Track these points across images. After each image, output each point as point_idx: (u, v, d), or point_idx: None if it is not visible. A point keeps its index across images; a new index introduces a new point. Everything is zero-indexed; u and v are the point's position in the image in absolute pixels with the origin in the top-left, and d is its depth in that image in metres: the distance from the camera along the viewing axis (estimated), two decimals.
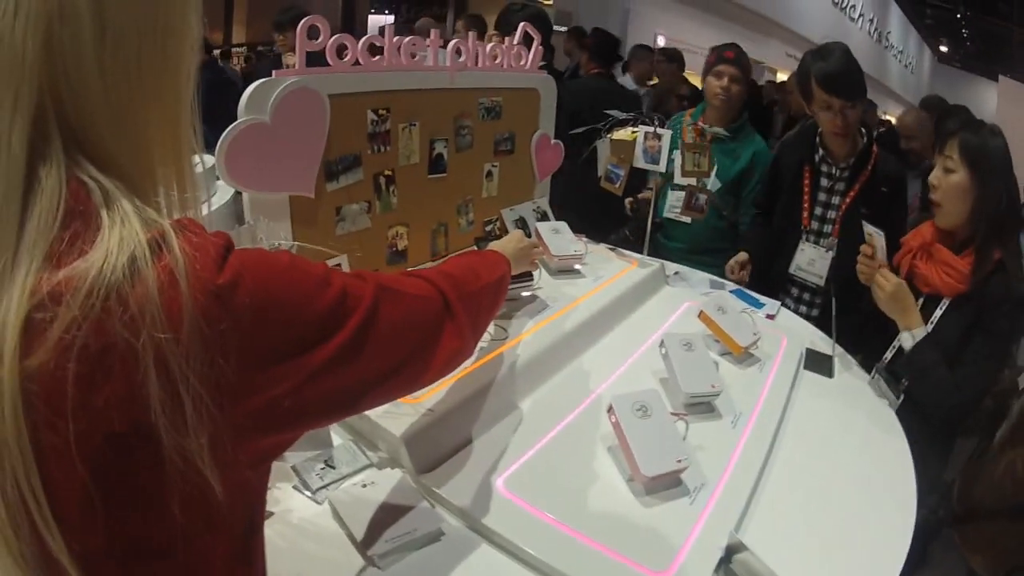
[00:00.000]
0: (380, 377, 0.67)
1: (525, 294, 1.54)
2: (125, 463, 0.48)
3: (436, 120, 1.64)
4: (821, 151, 2.16)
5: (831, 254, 2.12)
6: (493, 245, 1.25)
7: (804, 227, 2.20)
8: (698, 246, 2.50)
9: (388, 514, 0.99)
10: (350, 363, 0.60)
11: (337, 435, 1.17)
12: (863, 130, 2.13)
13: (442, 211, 1.76)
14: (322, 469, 1.08)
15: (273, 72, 1.25)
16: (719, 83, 2.42)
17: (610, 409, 1.10)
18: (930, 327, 1.57)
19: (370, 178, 1.50)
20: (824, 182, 2.17)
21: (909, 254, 1.69)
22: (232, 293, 0.50)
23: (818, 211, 2.19)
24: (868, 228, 1.68)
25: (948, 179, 1.56)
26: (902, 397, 1.53)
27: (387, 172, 1.53)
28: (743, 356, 1.52)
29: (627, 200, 2.50)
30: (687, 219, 2.29)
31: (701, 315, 1.54)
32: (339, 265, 1.46)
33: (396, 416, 1.10)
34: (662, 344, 1.33)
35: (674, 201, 2.40)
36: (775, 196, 2.35)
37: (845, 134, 2.06)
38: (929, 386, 1.52)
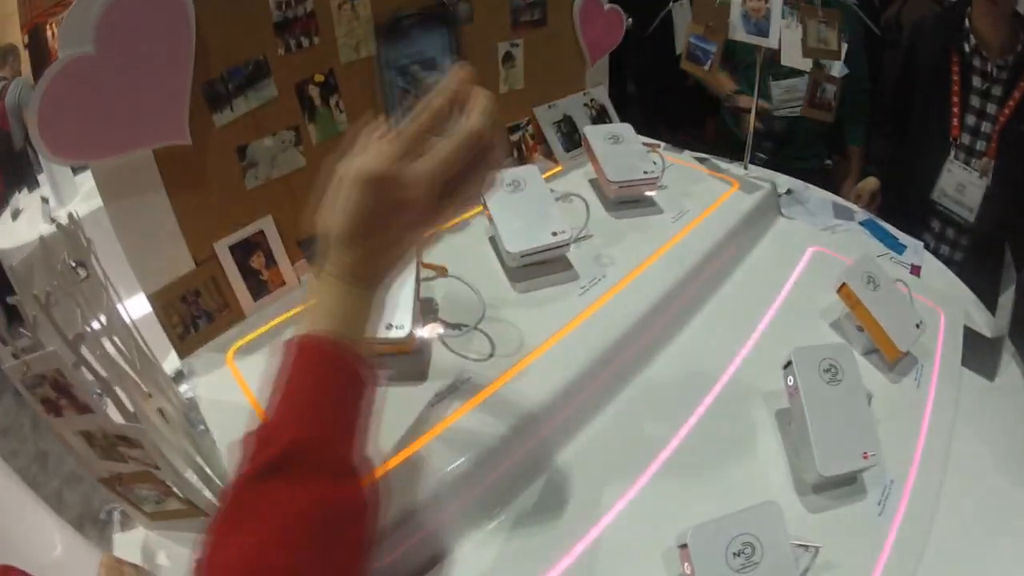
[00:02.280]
0: None
1: (573, 249, 0.99)
2: None
3: None
4: (973, 39, 1.65)
5: (985, 181, 1.67)
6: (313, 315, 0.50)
7: (953, 139, 1.71)
8: (795, 145, 1.97)
9: None
10: None
11: None
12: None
13: None
14: None
15: None
16: None
17: (684, 548, 0.59)
18: None
19: (291, 91, 0.95)
20: (977, 82, 1.67)
21: None
22: None
23: (970, 120, 1.69)
24: None
25: None
26: None
27: (319, 78, 0.97)
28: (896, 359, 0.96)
29: (731, 104, 1.90)
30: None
31: (843, 290, 0.96)
32: (261, 232, 0.94)
33: None
34: (789, 367, 0.79)
35: (779, 94, 1.79)
36: (909, 96, 1.84)
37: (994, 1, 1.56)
38: None
